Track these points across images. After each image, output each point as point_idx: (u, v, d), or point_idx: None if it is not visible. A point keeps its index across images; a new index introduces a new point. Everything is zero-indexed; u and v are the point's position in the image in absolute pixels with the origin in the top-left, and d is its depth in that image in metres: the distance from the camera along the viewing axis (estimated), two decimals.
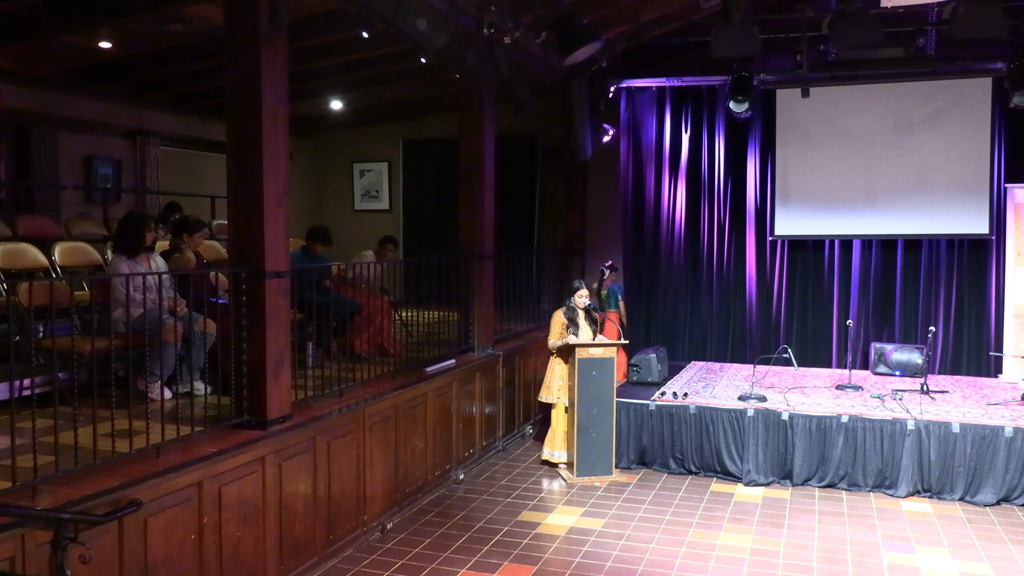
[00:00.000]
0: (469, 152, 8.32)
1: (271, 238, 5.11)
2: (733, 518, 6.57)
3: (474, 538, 6.09)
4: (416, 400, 6.83)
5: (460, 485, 7.38)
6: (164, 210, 9.32)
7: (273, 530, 5.04)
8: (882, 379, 9.00)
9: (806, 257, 10.27)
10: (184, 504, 4.37)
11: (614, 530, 6.27)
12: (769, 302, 10.37)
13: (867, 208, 9.82)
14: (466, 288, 8.30)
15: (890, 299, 9.90)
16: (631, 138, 10.78)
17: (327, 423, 5.59)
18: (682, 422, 7.69)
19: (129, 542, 4.01)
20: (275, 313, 5.16)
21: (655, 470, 7.81)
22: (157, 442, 4.51)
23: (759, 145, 10.28)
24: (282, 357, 5.24)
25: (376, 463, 6.21)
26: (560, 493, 7.20)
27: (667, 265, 10.74)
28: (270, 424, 5.09)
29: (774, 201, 10.19)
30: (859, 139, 9.80)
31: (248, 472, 4.83)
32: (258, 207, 5.04)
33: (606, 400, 7.52)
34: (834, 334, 10.08)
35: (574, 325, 7.76)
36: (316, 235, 8.05)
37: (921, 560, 5.77)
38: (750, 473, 7.41)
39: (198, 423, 4.89)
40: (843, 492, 7.21)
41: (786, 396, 8.03)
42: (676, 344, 10.58)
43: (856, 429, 7.21)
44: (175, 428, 4.67)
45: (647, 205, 10.78)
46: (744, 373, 9.25)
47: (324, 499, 5.56)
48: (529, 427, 9.30)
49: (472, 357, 8.11)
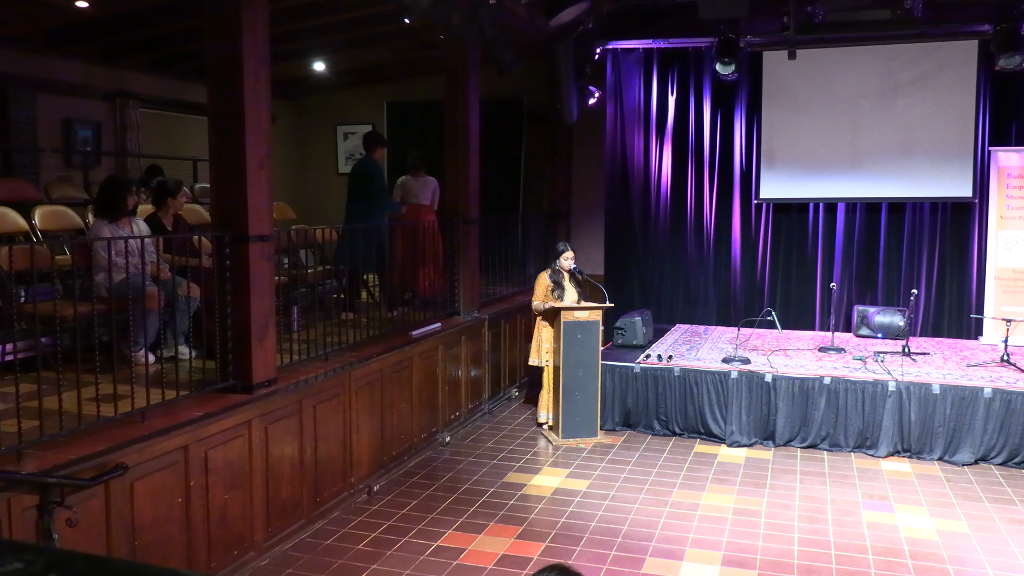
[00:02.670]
0: (454, 115, 8.25)
1: (254, 201, 5.07)
2: (716, 478, 6.64)
3: (460, 499, 6.14)
4: (402, 364, 6.84)
5: (446, 447, 7.43)
6: (145, 173, 9.21)
7: (260, 493, 5.06)
8: (864, 341, 9.08)
9: (791, 220, 10.29)
10: (170, 468, 4.38)
11: (599, 491, 6.34)
12: (754, 265, 10.40)
13: (852, 171, 9.82)
14: (451, 252, 8.29)
15: (873, 262, 9.94)
16: (617, 101, 10.72)
17: (313, 387, 5.60)
18: (666, 384, 7.74)
19: (116, 506, 4.02)
20: (259, 277, 5.14)
21: (640, 432, 7.87)
22: (142, 406, 4.50)
23: (745, 108, 10.24)
24: (267, 321, 5.23)
25: (362, 426, 6.23)
26: (545, 455, 7.26)
27: (653, 228, 10.73)
28: (256, 388, 5.09)
29: (759, 164, 10.18)
30: (845, 102, 9.78)
31: (234, 436, 4.84)
32: (240, 170, 5.00)
33: (591, 363, 7.55)
34: (817, 297, 10.13)
35: (559, 288, 7.77)
36: (372, 139, 8.34)
37: (900, 518, 5.86)
38: (733, 434, 7.49)
39: (183, 387, 4.88)
40: (824, 453, 7.30)
41: (769, 358, 8.09)
42: (661, 307, 10.62)
43: (838, 391, 7.28)
44: (160, 392, 4.66)
45: (633, 168, 10.75)
46: (728, 336, 9.31)
47: (311, 462, 5.59)
48: (515, 390, 9.35)
49: (458, 321, 8.13)
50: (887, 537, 5.55)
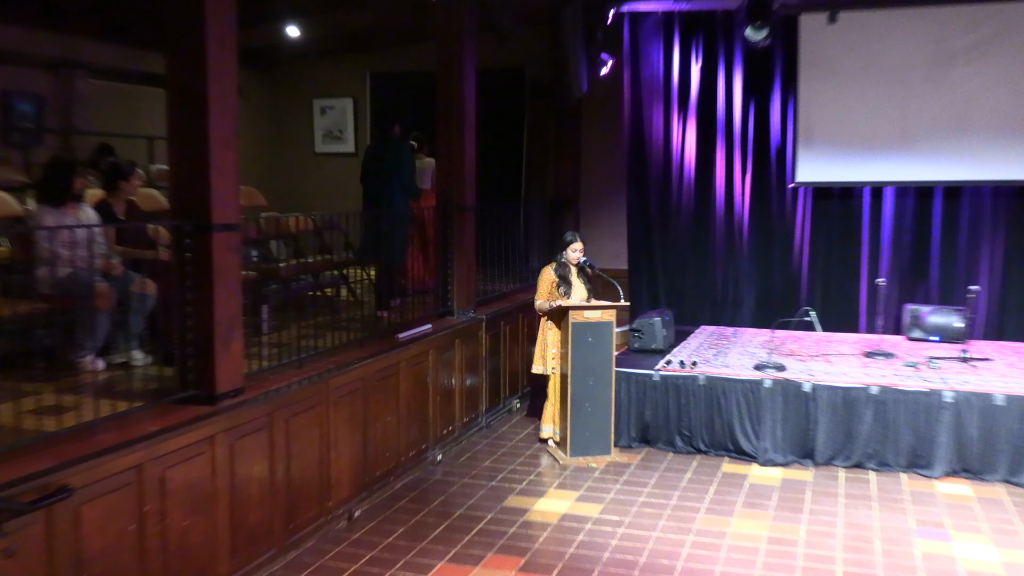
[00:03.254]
0: (447, 88, 8.23)
1: (219, 186, 5.04)
2: (747, 503, 6.62)
3: (454, 527, 6.11)
4: (387, 371, 6.82)
5: (438, 467, 7.40)
6: (95, 153, 9.19)
7: (224, 519, 5.04)
8: (917, 345, 9.05)
9: (832, 207, 10.26)
10: (122, 490, 4.34)
11: (613, 516, 6.31)
12: (790, 258, 10.38)
13: (901, 151, 9.79)
14: (443, 244, 8.26)
15: (926, 254, 9.92)
16: (633, 71, 10.69)
17: (285, 397, 5.57)
18: (690, 394, 7.72)
19: (60, 533, 3.99)
20: (224, 272, 5.11)
21: (659, 449, 7.85)
22: (90, 419, 4.48)
23: (780, 80, 10.22)
24: (233, 323, 5.20)
25: (342, 442, 6.21)
26: (551, 475, 7.23)
27: (674, 216, 10.72)
28: (220, 399, 5.06)
29: (796, 144, 10.15)
30: (893, 73, 9.74)
31: (195, 453, 4.81)
32: (203, 150, 4.98)
33: (603, 370, 7.52)
34: (863, 294, 10.11)
35: (566, 284, 7.74)
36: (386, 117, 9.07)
37: (959, 549, 5.83)
38: (767, 452, 7.47)
39: (137, 398, 4.86)
40: (871, 473, 7.27)
41: (808, 365, 8.06)
42: (684, 306, 10.59)
43: (887, 402, 7.25)
44: (110, 404, 4.64)
45: (652, 148, 10.73)
46: (760, 339, 9.28)
47: (283, 483, 5.56)
48: (516, 400, 9.33)
49: (451, 322, 8.11)
50: (943, 570, 5.52)
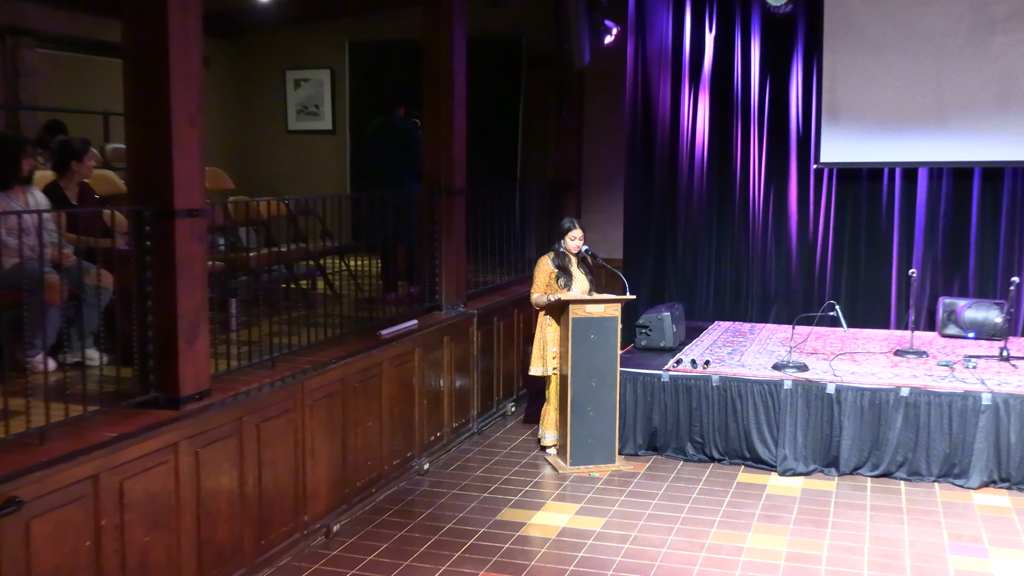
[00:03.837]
0: (434, 59, 8.22)
1: (182, 166, 5.04)
2: (765, 515, 6.65)
3: (442, 542, 6.14)
4: (369, 371, 6.83)
5: (425, 477, 7.43)
6: (44, 130, 9.19)
7: (189, 534, 5.05)
8: (952, 343, 9.08)
9: (859, 190, 10.28)
10: (77, 503, 4.36)
11: (617, 531, 6.34)
12: (812, 246, 10.39)
13: (936, 129, 9.80)
14: (431, 231, 8.27)
15: (963, 243, 9.94)
16: (640, 40, 10.69)
17: (256, 400, 5.59)
18: (702, 397, 7.74)
19: (8, 550, 4.00)
20: (189, 262, 5.12)
21: (668, 457, 7.88)
22: (40, 425, 4.48)
23: (802, 50, 10.23)
24: (198, 318, 5.21)
25: (319, 450, 6.22)
26: (550, 486, 7.26)
27: (686, 201, 10.73)
28: (184, 402, 5.07)
29: (820, 120, 10.15)
30: (928, 42, 9.75)
31: (157, 462, 4.82)
32: (165, 127, 4.97)
33: (607, 370, 7.55)
34: (893, 287, 10.13)
35: (566, 275, 7.76)
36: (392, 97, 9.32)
37: (997, 566, 5.86)
38: (786, 460, 7.50)
39: (92, 401, 4.86)
40: (901, 483, 7.30)
41: (832, 364, 8.10)
42: (696, 300, 10.63)
43: (919, 405, 7.28)
44: (63, 408, 4.65)
45: (659, 126, 10.74)
46: (780, 335, 9.32)
47: (254, 495, 5.58)
48: (511, 404, 9.35)
49: (439, 317, 8.12)
50: None
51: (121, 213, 5.88)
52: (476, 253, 9.15)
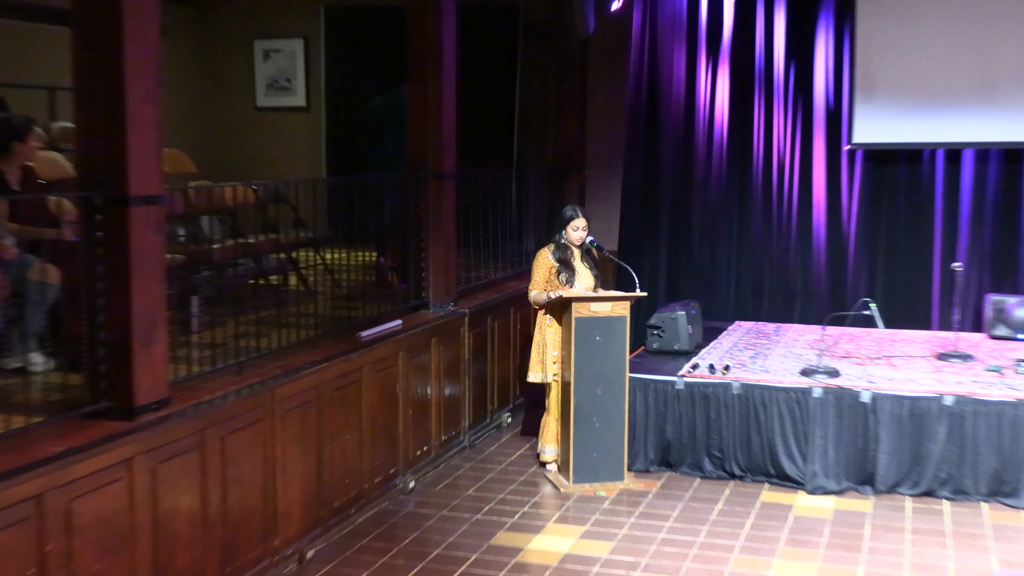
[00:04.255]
0: (420, 27, 8.21)
1: (137, 148, 5.02)
2: (792, 539, 6.64)
3: (430, 570, 6.12)
4: (347, 378, 6.82)
5: (410, 496, 7.42)
6: None
7: (145, 561, 5.03)
8: (1001, 345, 9.08)
9: (896, 174, 10.28)
10: (18, 525, 4.33)
11: (626, 557, 6.33)
12: (845, 237, 10.38)
13: (983, 105, 9.80)
14: (416, 220, 8.26)
15: (1014, 233, 9.93)
16: (649, 6, 10.68)
17: (220, 410, 5.57)
18: (722, 406, 7.74)
19: None
20: (145, 255, 5.10)
21: (683, 473, 7.87)
22: None
23: (833, 17, 10.23)
24: (155, 318, 5.19)
25: (291, 466, 6.21)
26: (551, 506, 7.25)
27: (702, 186, 10.71)
28: (139, 412, 5.05)
29: (852, 97, 10.16)
30: (972, 8, 9.75)
31: (109, 480, 4.80)
32: (118, 104, 4.95)
33: (615, 376, 7.54)
34: (935, 282, 10.12)
35: (568, 270, 7.74)
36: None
37: None
38: (816, 477, 7.49)
39: (36, 411, 4.85)
40: (945, 503, 7.30)
41: (867, 369, 8.09)
42: (713, 297, 10.61)
43: (964, 415, 7.27)
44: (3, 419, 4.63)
45: (673, 102, 10.71)
46: (809, 337, 9.31)
47: (218, 517, 5.55)
48: (507, 414, 9.35)
49: (426, 316, 8.11)
50: None
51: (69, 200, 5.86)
52: (467, 245, 9.13)
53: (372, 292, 8.14)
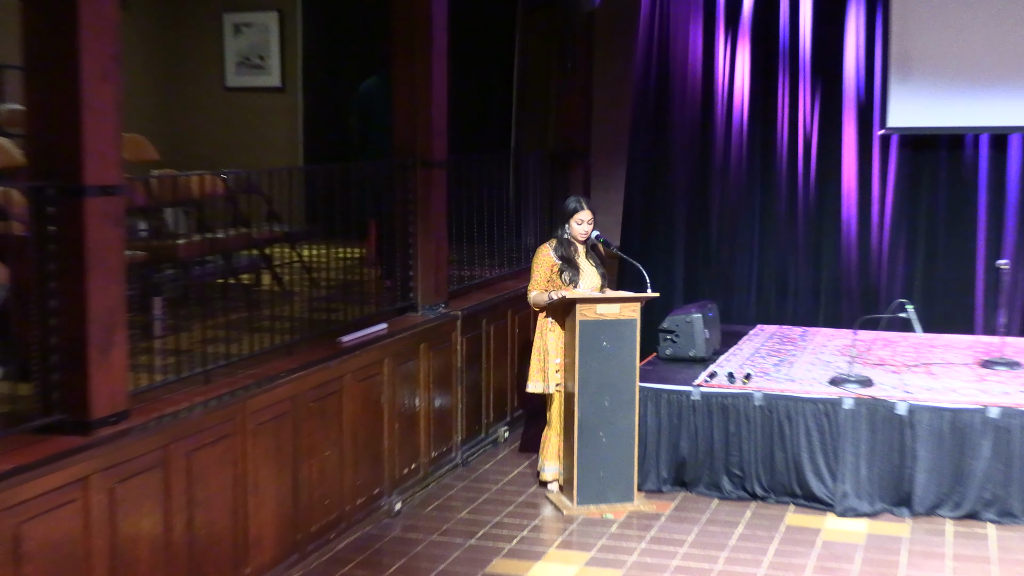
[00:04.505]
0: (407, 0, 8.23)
1: (94, 132, 5.02)
2: (821, 566, 6.64)
3: None
4: (326, 387, 6.81)
5: (396, 519, 7.42)
6: None
7: None
8: None
9: (936, 162, 10.30)
10: None
11: None
12: (879, 232, 10.40)
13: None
14: (403, 213, 8.26)
15: None
16: None
17: (186, 424, 5.56)
18: (742, 419, 7.74)
19: None
20: (103, 251, 5.09)
21: (700, 494, 7.88)
22: None
23: None
24: (113, 321, 5.18)
25: (264, 486, 6.20)
26: (553, 530, 7.26)
27: (721, 176, 10.73)
28: (96, 426, 5.04)
29: (887, 77, 10.17)
30: None
31: (62, 501, 4.80)
32: (73, 83, 4.95)
33: (624, 386, 7.54)
34: (978, 282, 10.14)
35: (571, 268, 7.74)
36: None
37: None
38: (847, 498, 7.49)
39: None
40: (990, 525, 7.30)
41: (903, 378, 8.10)
42: (733, 298, 10.63)
43: (1011, 429, 7.28)
44: None
45: (689, 83, 10.73)
46: (839, 343, 9.31)
47: (183, 542, 5.55)
48: (503, 428, 9.35)
49: (414, 319, 8.11)
50: None
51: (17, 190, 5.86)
52: (460, 241, 9.13)
53: (354, 293, 8.12)
